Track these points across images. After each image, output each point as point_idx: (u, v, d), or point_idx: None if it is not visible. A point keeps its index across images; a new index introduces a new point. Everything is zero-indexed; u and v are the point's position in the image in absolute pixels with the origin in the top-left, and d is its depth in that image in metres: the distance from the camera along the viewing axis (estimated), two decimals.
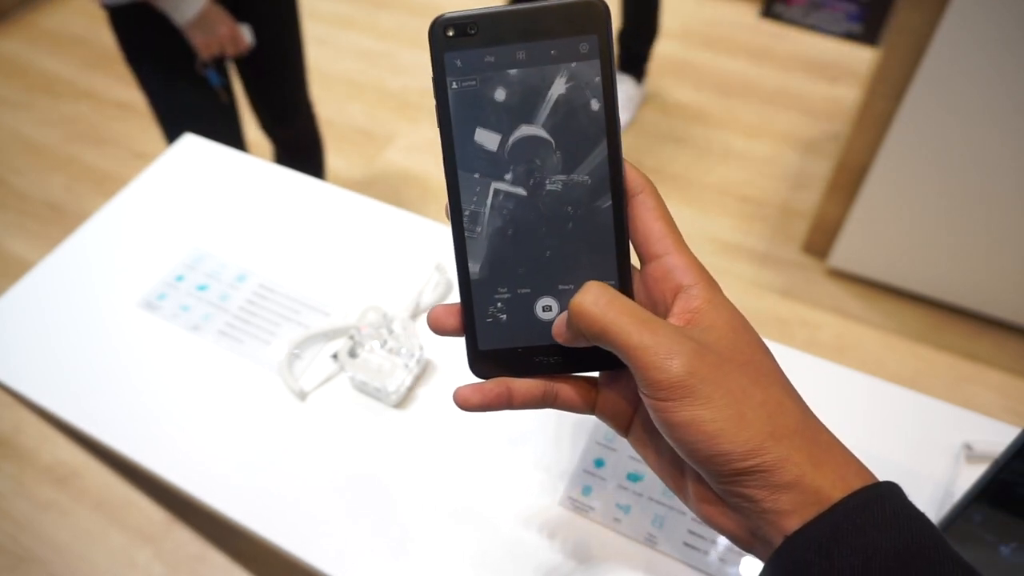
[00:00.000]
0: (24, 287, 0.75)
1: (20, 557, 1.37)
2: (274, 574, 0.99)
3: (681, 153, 2.03)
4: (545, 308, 0.33)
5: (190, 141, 0.91)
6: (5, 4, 2.66)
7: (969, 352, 1.55)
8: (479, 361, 0.34)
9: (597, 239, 0.32)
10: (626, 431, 0.34)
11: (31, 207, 2.01)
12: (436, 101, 0.32)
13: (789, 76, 2.24)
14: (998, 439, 0.58)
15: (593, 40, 0.31)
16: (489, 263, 0.33)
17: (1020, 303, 1.51)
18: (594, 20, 0.31)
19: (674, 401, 0.27)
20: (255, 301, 0.73)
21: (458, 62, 0.31)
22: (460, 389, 0.33)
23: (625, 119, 2.13)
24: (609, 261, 0.33)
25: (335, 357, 0.65)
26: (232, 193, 0.84)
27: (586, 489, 0.58)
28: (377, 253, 0.76)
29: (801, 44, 2.34)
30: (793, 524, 0.26)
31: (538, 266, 0.33)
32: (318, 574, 0.55)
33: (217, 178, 0.86)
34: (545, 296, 0.33)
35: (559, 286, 0.33)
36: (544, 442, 0.61)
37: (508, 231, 0.33)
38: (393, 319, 0.67)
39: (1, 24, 2.63)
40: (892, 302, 1.64)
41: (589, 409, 0.35)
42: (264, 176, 0.86)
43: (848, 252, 1.60)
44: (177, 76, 1.18)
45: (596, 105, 0.31)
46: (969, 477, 0.54)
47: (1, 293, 0.75)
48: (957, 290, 1.55)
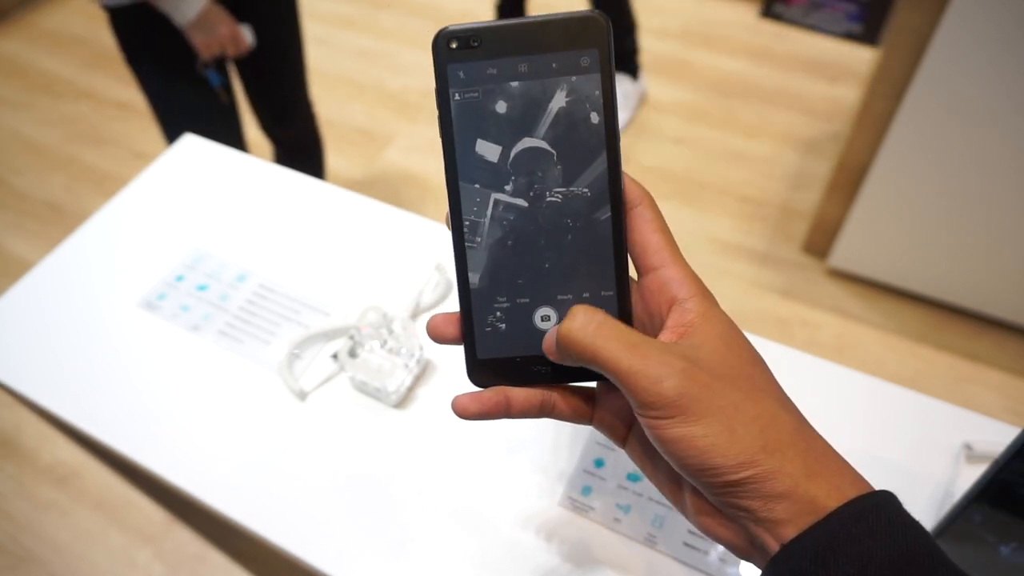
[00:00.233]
0: (24, 287, 0.75)
1: (20, 557, 1.37)
2: (274, 574, 0.99)
3: (681, 153, 2.03)
4: (544, 318, 0.34)
5: (190, 141, 0.91)
6: (5, 4, 2.66)
7: (969, 352, 1.55)
8: (477, 370, 0.34)
9: (596, 250, 0.33)
10: (623, 442, 0.35)
11: (31, 207, 2.01)
12: (439, 112, 0.32)
13: (789, 76, 2.24)
14: (998, 439, 0.58)
15: (594, 54, 0.31)
16: (489, 273, 0.33)
17: (1020, 303, 1.51)
18: (595, 34, 0.31)
19: (665, 419, 0.28)
20: (255, 301, 0.73)
21: (461, 74, 0.32)
22: (458, 398, 0.33)
23: (624, 117, 2.13)
24: (608, 272, 0.33)
25: (335, 357, 0.65)
26: (232, 193, 0.84)
27: (586, 489, 0.58)
28: (377, 253, 0.76)
29: (801, 44, 2.34)
30: (789, 533, 0.27)
31: (537, 276, 0.33)
32: (318, 574, 0.55)
33: (217, 178, 0.86)
34: (544, 306, 0.33)
35: (558, 296, 0.33)
36: (544, 443, 0.61)
37: (508, 241, 0.33)
38: (393, 319, 0.67)
39: (1, 24, 2.63)
40: (892, 302, 1.64)
41: (587, 420, 0.35)
42: (264, 176, 0.86)
43: (848, 252, 1.60)
44: (177, 77, 1.18)
45: (596, 118, 0.32)
46: (969, 477, 0.54)
47: (1, 293, 0.75)
48: (957, 290, 1.55)
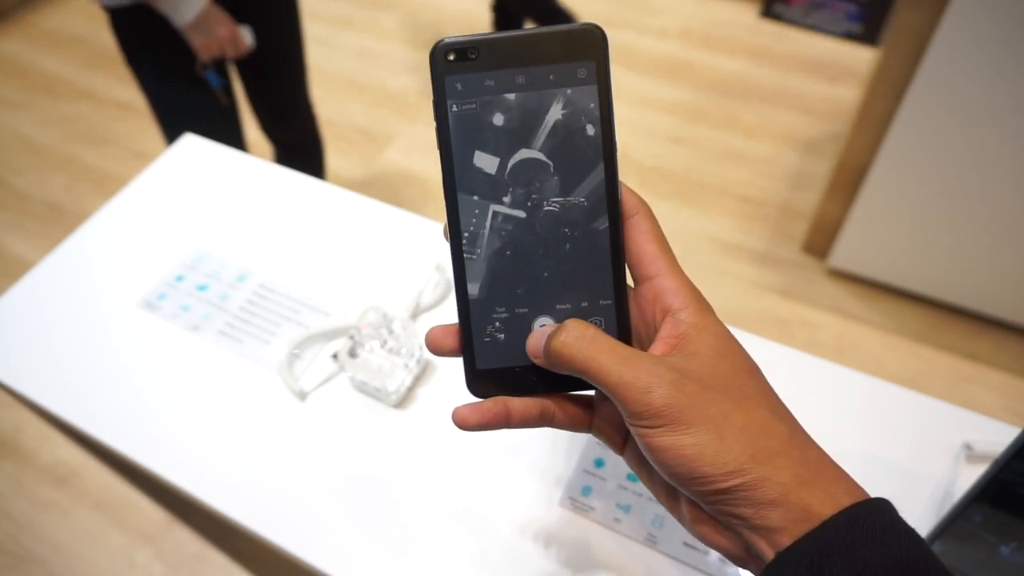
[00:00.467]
0: (24, 287, 0.75)
1: (20, 557, 1.37)
2: (274, 574, 0.99)
3: (680, 153, 2.03)
4: (543, 327, 0.34)
5: (190, 141, 0.91)
6: (5, 4, 2.66)
7: (969, 352, 1.55)
8: (477, 380, 0.34)
9: (594, 260, 0.33)
10: (621, 449, 0.35)
11: (31, 207, 2.01)
12: (436, 123, 0.32)
13: (789, 76, 2.24)
14: (998, 439, 0.58)
15: (591, 66, 0.32)
16: (487, 283, 0.33)
17: (1020, 303, 1.51)
18: (592, 46, 0.31)
19: (653, 429, 0.28)
20: (255, 301, 0.73)
21: (459, 85, 0.32)
22: (458, 409, 0.33)
23: None
24: (606, 282, 0.33)
25: (335, 357, 0.65)
26: (232, 193, 0.84)
27: (586, 489, 0.58)
28: (377, 253, 0.76)
29: (801, 44, 2.34)
30: (784, 541, 0.27)
31: (536, 286, 0.33)
32: (318, 574, 0.55)
33: (217, 178, 0.86)
34: (543, 316, 0.34)
35: (557, 306, 0.33)
36: (544, 443, 0.61)
37: (506, 252, 0.33)
38: (393, 319, 0.67)
39: (1, 24, 2.63)
40: (892, 302, 1.64)
41: (585, 428, 0.35)
42: (264, 176, 0.86)
43: (848, 252, 1.60)
44: (177, 77, 1.18)
45: (593, 129, 0.32)
46: (969, 477, 0.54)
47: (1, 293, 0.75)
48: (957, 290, 1.55)
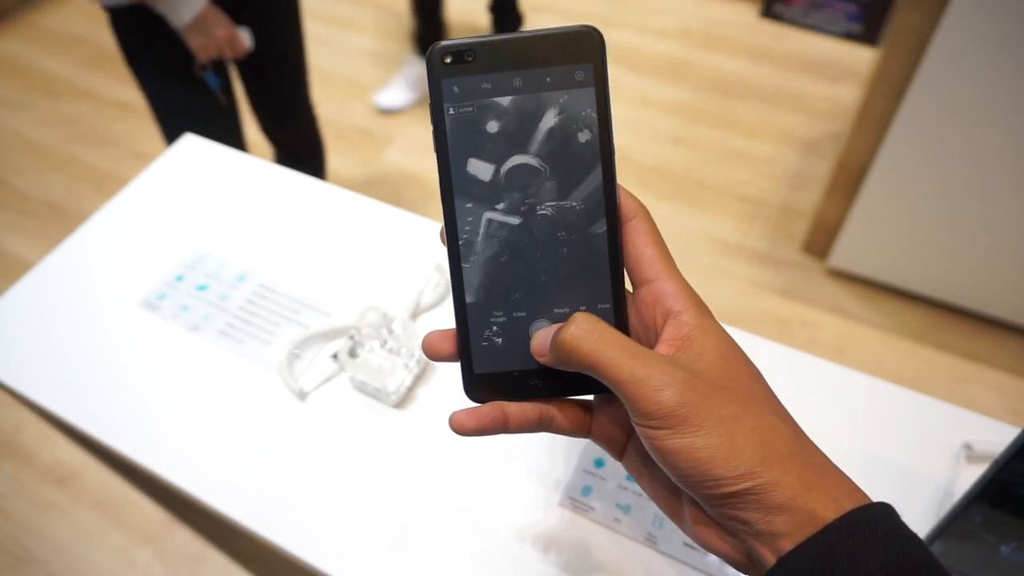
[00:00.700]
0: (24, 287, 0.75)
1: (20, 557, 1.37)
2: (274, 574, 0.99)
3: (680, 153, 2.03)
4: (549, 327, 0.33)
5: (190, 141, 0.91)
6: (5, 4, 2.66)
7: (969, 352, 1.55)
8: (474, 385, 0.34)
9: (593, 264, 0.33)
10: (620, 455, 0.35)
11: (31, 207, 2.01)
12: (433, 127, 0.32)
13: (789, 76, 2.24)
14: (998, 439, 0.58)
15: (588, 68, 0.31)
16: (485, 287, 0.33)
17: (1020, 303, 1.51)
18: (589, 48, 0.31)
19: (665, 429, 0.28)
20: (255, 301, 0.73)
21: (455, 88, 0.31)
22: (455, 414, 0.33)
23: (411, 99, 2.20)
24: (604, 285, 0.33)
25: (335, 357, 0.65)
26: (232, 193, 0.84)
27: (586, 489, 0.58)
28: (377, 253, 0.76)
29: (801, 44, 2.34)
30: (786, 546, 0.27)
31: (534, 290, 0.33)
32: (318, 574, 0.55)
33: (217, 178, 0.86)
34: (541, 320, 0.33)
35: (555, 309, 0.33)
36: (544, 443, 0.61)
37: (505, 256, 0.33)
38: (393, 319, 0.67)
39: (1, 24, 2.63)
40: (892, 302, 1.64)
41: (584, 433, 0.35)
42: (264, 176, 0.86)
43: (848, 252, 1.60)
44: (177, 78, 1.18)
45: (591, 132, 0.32)
46: (969, 477, 0.54)
47: (1, 293, 0.75)
48: (957, 290, 1.55)
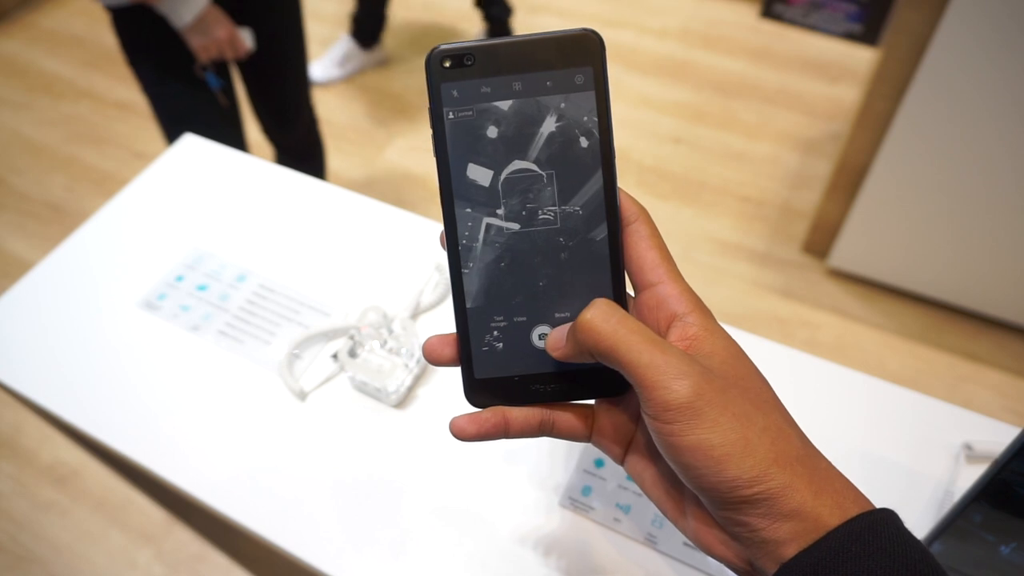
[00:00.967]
0: (24, 287, 0.75)
1: (20, 557, 1.37)
2: (274, 574, 0.99)
3: (680, 153, 2.03)
4: (541, 336, 0.33)
5: (190, 141, 0.91)
6: (5, 4, 2.66)
7: (969, 352, 1.55)
8: (475, 390, 0.34)
9: (594, 268, 0.33)
10: (621, 459, 0.35)
11: (31, 207, 2.01)
12: (432, 132, 0.32)
13: (789, 76, 2.24)
14: (998, 439, 0.58)
15: (588, 72, 0.31)
16: (485, 292, 0.33)
17: (1020, 303, 1.51)
18: (589, 52, 0.31)
19: (681, 423, 0.27)
20: (255, 301, 0.73)
21: (455, 92, 0.31)
22: (456, 420, 0.33)
23: (339, 73, 2.28)
24: (605, 289, 0.33)
25: (335, 357, 0.65)
26: (232, 193, 0.84)
27: (586, 489, 0.58)
28: (377, 253, 0.76)
29: (801, 44, 2.34)
30: (790, 553, 0.27)
31: (535, 295, 0.33)
32: (318, 574, 0.55)
33: (217, 178, 0.86)
34: (541, 324, 0.33)
35: (555, 314, 0.33)
36: (544, 444, 0.61)
37: (505, 260, 0.33)
38: (393, 319, 0.67)
39: (1, 24, 2.63)
40: (892, 302, 1.64)
41: (585, 437, 0.35)
42: (264, 176, 0.86)
43: (848, 252, 1.60)
44: (178, 79, 1.18)
45: (592, 136, 0.32)
46: (969, 477, 0.54)
47: (1, 293, 0.75)
48: (957, 290, 1.55)
